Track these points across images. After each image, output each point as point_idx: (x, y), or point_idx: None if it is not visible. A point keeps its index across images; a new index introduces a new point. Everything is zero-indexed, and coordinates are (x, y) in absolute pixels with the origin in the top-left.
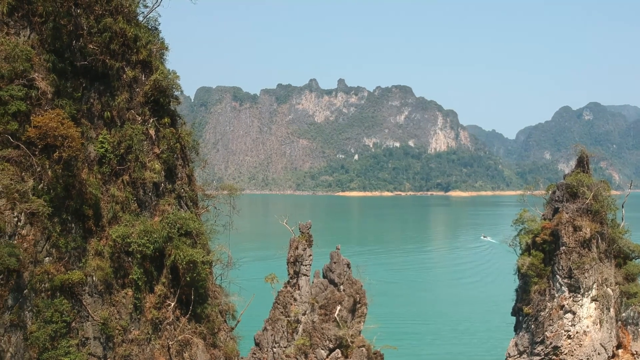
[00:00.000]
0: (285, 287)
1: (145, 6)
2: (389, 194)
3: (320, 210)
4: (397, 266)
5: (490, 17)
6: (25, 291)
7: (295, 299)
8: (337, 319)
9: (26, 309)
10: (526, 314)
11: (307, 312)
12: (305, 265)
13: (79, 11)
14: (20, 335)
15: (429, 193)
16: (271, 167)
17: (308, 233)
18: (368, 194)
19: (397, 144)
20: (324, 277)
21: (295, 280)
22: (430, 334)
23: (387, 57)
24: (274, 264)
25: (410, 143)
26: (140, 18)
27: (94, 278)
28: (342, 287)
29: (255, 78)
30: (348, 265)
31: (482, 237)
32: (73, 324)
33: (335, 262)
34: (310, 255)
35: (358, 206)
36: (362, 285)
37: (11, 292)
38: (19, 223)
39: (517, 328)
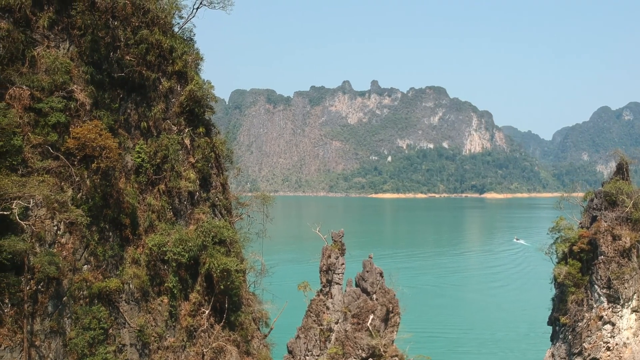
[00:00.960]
0: (318, 295)
1: (181, 17)
2: (423, 196)
3: (353, 212)
4: (430, 270)
5: (525, 17)
6: (64, 298)
7: (327, 308)
8: (370, 328)
9: (65, 315)
10: (563, 324)
11: (339, 321)
12: (338, 274)
13: (116, 23)
14: (60, 341)
15: (464, 195)
16: (304, 169)
17: (340, 241)
18: (401, 195)
19: (431, 146)
20: (357, 285)
21: (327, 289)
22: (464, 342)
23: (420, 58)
24: (307, 270)
25: (445, 144)
26: (176, 29)
27: (131, 286)
28: (374, 296)
29: (289, 80)
30: (381, 274)
31: (514, 240)
32: (110, 331)
33: (367, 271)
34: (343, 263)
35: (391, 208)
36: (395, 294)
37: (51, 299)
38: (58, 232)
39: (553, 338)
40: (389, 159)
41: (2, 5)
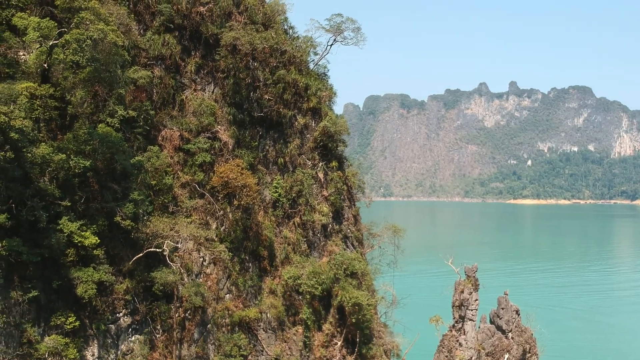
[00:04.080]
0: (450, 330)
1: (315, 54)
2: (566, 202)
3: (489, 219)
4: (574, 288)
5: None
6: (208, 326)
7: (460, 344)
8: None
9: (209, 342)
10: None
11: (472, 359)
12: (471, 310)
13: (255, 64)
14: None
15: (612, 202)
16: (439, 174)
17: (474, 276)
18: (542, 202)
19: (575, 149)
20: (491, 322)
21: (460, 325)
22: None
23: (562, 56)
24: (439, 301)
25: (590, 147)
26: (311, 65)
27: (268, 315)
28: (510, 334)
29: (423, 84)
30: (517, 312)
31: None
32: (249, 358)
33: (503, 308)
34: (477, 299)
35: (531, 216)
36: (532, 334)
37: (197, 326)
38: (204, 263)
39: None
40: (529, 163)
41: (156, 55)
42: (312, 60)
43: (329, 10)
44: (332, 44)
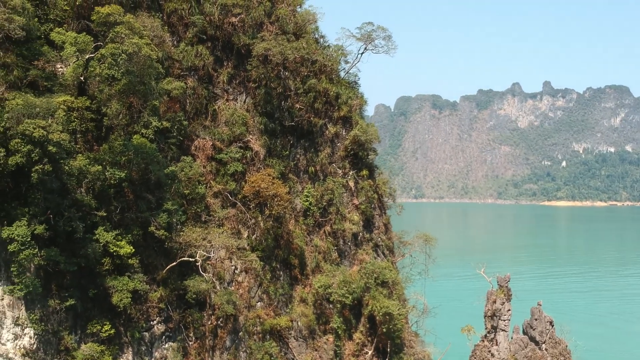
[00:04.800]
0: (482, 341)
1: (346, 62)
2: (602, 204)
3: (523, 222)
4: (612, 297)
5: None
6: (240, 333)
7: (492, 355)
8: None
9: (241, 349)
10: None
11: None
12: (504, 320)
13: (287, 74)
14: None
15: None
16: (471, 175)
17: (507, 287)
18: (577, 203)
19: (612, 149)
20: (524, 333)
21: (492, 335)
22: None
23: (598, 56)
24: (471, 310)
25: (628, 148)
26: (342, 74)
27: (299, 323)
28: (544, 346)
29: (455, 85)
30: (551, 323)
31: None
32: None
33: (536, 319)
34: (509, 310)
35: (566, 218)
36: (567, 345)
37: (229, 334)
38: (236, 271)
39: None
40: (564, 164)
41: (189, 66)
42: (343, 69)
43: (360, 17)
44: (362, 52)
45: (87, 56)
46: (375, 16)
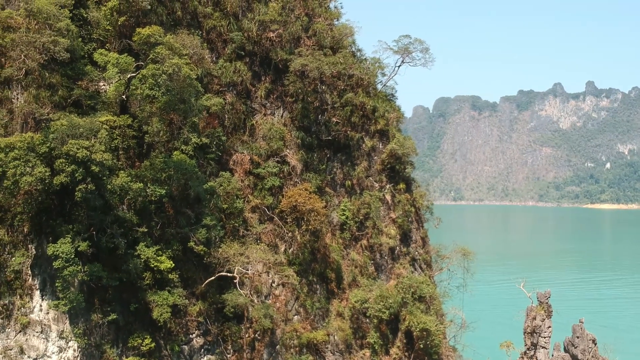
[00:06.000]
0: (522, 357)
1: (383, 75)
2: None
3: (565, 225)
4: None
5: None
6: (277, 347)
7: None
8: None
9: None
10: None
11: None
12: (544, 337)
13: (324, 88)
14: None
15: None
16: (511, 177)
17: (547, 303)
18: (622, 206)
19: None
20: (565, 351)
21: (532, 352)
22: None
23: None
24: (510, 325)
25: None
26: (379, 86)
27: (336, 337)
28: None
29: (495, 85)
30: (594, 342)
31: None
32: None
33: (578, 337)
34: (550, 327)
35: (611, 221)
36: None
37: (266, 347)
38: (273, 285)
39: None
40: (608, 165)
41: (228, 81)
42: (380, 82)
43: (396, 27)
44: (400, 65)
45: (129, 75)
46: (413, 18)
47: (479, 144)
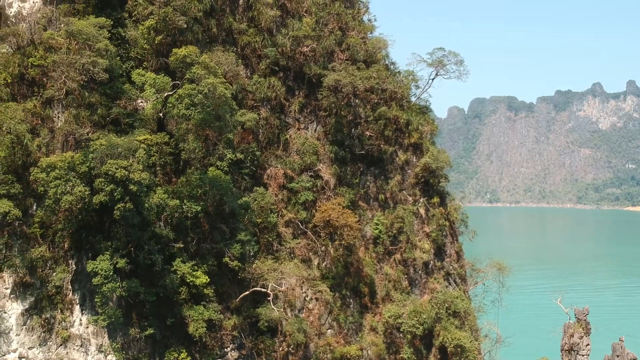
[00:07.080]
0: None
1: (417, 87)
2: None
3: (605, 228)
4: None
5: None
6: None
7: None
8: None
9: None
10: None
11: None
12: (583, 355)
13: (357, 101)
14: None
15: None
16: (549, 179)
17: (585, 320)
18: None
19: None
20: None
21: None
22: None
23: None
24: (547, 340)
25: None
26: (412, 99)
27: (369, 352)
28: None
29: (531, 86)
30: None
31: None
32: None
33: (618, 356)
34: (588, 344)
35: None
36: None
37: None
38: (306, 298)
39: None
40: None
41: (262, 97)
42: (414, 94)
43: (430, 39)
44: (434, 78)
45: (166, 94)
46: (449, 20)
47: (515, 145)
